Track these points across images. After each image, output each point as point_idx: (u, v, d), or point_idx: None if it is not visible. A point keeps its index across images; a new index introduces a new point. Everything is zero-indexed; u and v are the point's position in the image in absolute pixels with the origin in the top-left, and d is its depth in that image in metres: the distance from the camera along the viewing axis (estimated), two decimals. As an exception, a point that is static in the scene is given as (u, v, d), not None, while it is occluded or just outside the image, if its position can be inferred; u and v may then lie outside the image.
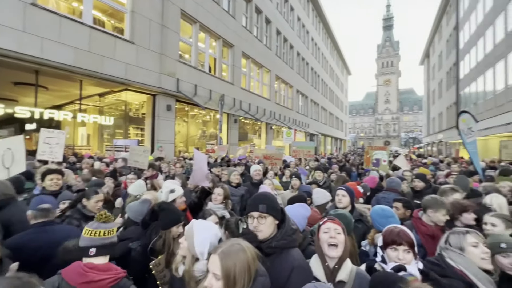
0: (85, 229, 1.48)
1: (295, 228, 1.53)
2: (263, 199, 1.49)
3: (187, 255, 1.57)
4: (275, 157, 6.45)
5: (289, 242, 1.45)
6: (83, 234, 1.46)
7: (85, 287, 1.29)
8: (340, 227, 1.52)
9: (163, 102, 10.25)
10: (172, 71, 10.42)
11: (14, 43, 6.23)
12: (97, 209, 2.62)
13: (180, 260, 1.67)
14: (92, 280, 1.30)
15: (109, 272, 1.39)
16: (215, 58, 13.74)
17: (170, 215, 2.16)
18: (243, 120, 16.42)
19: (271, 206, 1.46)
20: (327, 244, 1.45)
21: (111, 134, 12.94)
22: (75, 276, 1.31)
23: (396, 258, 1.43)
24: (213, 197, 2.70)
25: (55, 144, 4.51)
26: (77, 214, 2.55)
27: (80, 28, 7.62)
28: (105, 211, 1.60)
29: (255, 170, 3.94)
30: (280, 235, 1.44)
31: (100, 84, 8.85)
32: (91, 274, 1.32)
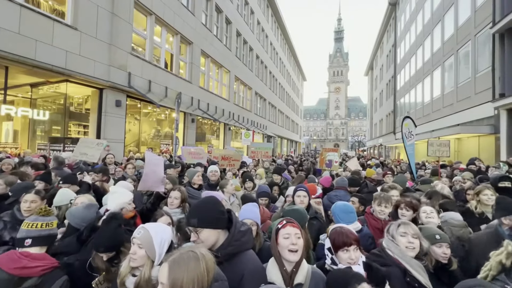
0: (24, 222, 1.56)
1: (245, 230, 1.46)
2: (195, 212, 1.41)
3: (145, 262, 1.43)
4: (233, 158, 6.39)
5: (237, 246, 1.39)
6: (22, 227, 1.54)
7: (18, 272, 1.37)
8: (300, 231, 1.47)
9: (112, 97, 9.34)
10: (123, 64, 9.58)
11: None
12: (26, 209, 2.29)
13: (127, 272, 1.49)
14: (24, 266, 1.39)
15: (43, 261, 1.49)
16: (172, 54, 13.09)
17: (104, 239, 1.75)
18: (201, 120, 15.97)
19: (203, 219, 1.37)
20: (288, 250, 1.40)
21: (45, 131, 11.28)
22: (9, 262, 1.38)
23: (349, 259, 1.48)
24: (169, 201, 2.51)
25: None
26: (10, 217, 2.28)
27: (8, 5, 6.48)
28: (45, 206, 1.69)
29: (212, 171, 3.82)
30: (226, 241, 1.38)
31: (32, 72, 7.64)
32: (24, 261, 1.41)
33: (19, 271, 1.37)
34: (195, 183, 3.33)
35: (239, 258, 1.37)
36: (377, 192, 2.73)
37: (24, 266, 1.39)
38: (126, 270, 1.47)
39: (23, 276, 1.38)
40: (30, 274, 1.40)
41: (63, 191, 2.65)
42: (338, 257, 1.53)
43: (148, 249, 1.41)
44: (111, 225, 1.79)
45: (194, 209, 1.44)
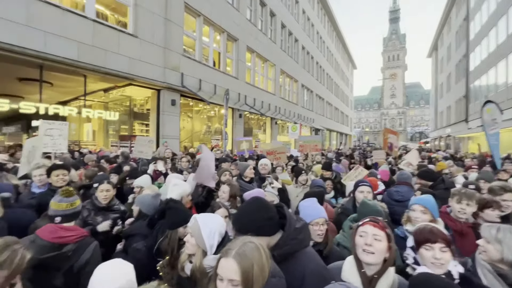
0: (52, 202, 1.81)
1: (301, 226, 1.35)
2: (238, 220, 1.36)
3: (196, 251, 1.47)
4: (278, 152, 6.25)
5: (294, 245, 1.29)
6: (51, 206, 1.80)
7: (57, 240, 1.63)
8: (383, 233, 1.25)
9: (168, 97, 10.13)
10: (176, 65, 10.28)
11: (17, 37, 6.14)
12: (103, 198, 2.58)
13: (186, 258, 1.56)
14: (61, 236, 1.66)
15: (75, 231, 1.74)
16: (219, 52, 13.54)
17: (177, 215, 2.05)
18: (247, 115, 16.26)
19: (247, 227, 1.30)
20: (361, 249, 1.25)
21: (116, 130, 12.91)
22: (48, 234, 1.64)
23: (432, 258, 1.27)
24: (219, 193, 2.57)
25: (57, 136, 4.42)
26: (89, 204, 2.59)
27: (83, 22, 7.50)
28: (68, 187, 1.93)
29: (262, 164, 3.80)
30: (282, 241, 1.28)
31: (104, 79, 8.77)
32: (60, 231, 1.68)
33: (58, 239, 1.63)
34: (246, 176, 3.36)
35: (297, 257, 1.27)
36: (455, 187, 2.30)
37: (61, 236, 1.65)
38: (185, 256, 1.54)
39: (62, 243, 1.64)
40: (67, 241, 1.67)
41: (147, 176, 3.23)
42: (420, 255, 1.33)
43: (197, 238, 1.44)
44: (178, 204, 2.01)
45: (239, 216, 1.40)
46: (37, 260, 1.46)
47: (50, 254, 1.56)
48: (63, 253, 1.62)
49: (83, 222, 2.46)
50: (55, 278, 1.57)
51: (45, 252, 1.55)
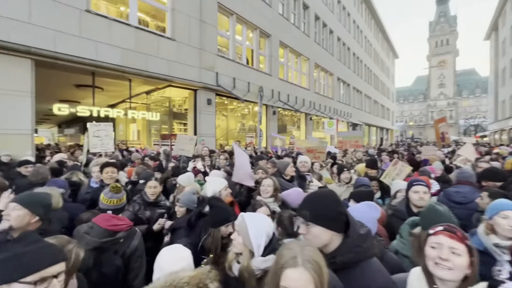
0: (103, 196, 2.09)
1: (366, 233, 1.20)
2: (309, 204, 1.22)
3: (243, 251, 1.43)
4: (318, 150, 5.99)
5: (358, 254, 1.13)
6: (102, 200, 2.10)
7: (111, 228, 1.86)
8: (462, 246, 1.04)
9: (204, 97, 10.45)
10: (211, 65, 10.53)
11: (73, 48, 6.82)
12: (151, 194, 2.70)
13: (233, 257, 1.54)
14: (115, 224, 1.88)
15: (125, 221, 1.98)
16: (252, 49, 13.55)
17: (220, 213, 2.05)
18: (281, 112, 16.06)
19: (317, 214, 1.17)
20: (434, 263, 1.06)
21: (157, 130, 13.76)
22: (104, 222, 1.87)
23: None
24: (262, 189, 2.48)
25: (104, 136, 4.80)
26: (139, 199, 2.75)
27: (127, 29, 8.06)
28: (116, 184, 2.18)
29: (301, 162, 3.65)
30: (344, 247, 1.14)
31: (146, 82, 9.35)
32: (114, 220, 1.90)
33: (112, 227, 1.86)
34: (287, 175, 3.23)
35: (361, 268, 1.12)
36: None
37: (115, 224, 1.89)
38: (232, 255, 1.52)
39: (115, 230, 1.88)
40: (120, 229, 1.90)
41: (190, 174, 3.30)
42: None
43: (244, 237, 1.41)
44: (220, 203, 2.02)
45: (309, 201, 1.28)
46: (99, 243, 1.79)
47: (108, 239, 1.82)
48: (117, 239, 1.87)
49: (134, 215, 2.60)
50: (115, 259, 1.84)
51: (102, 237, 1.81)
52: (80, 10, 7.00)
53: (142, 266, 1.99)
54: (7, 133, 5.80)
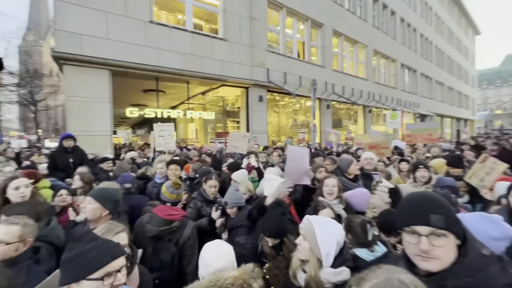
0: (165, 190, 2.24)
1: (489, 255, 0.88)
2: (436, 206, 0.90)
3: (310, 258, 1.27)
4: (382, 146, 5.30)
5: (481, 281, 0.83)
6: (163, 193, 2.25)
7: (168, 217, 2.05)
8: None
9: (255, 94, 10.50)
10: (262, 62, 10.50)
11: (140, 56, 7.59)
12: (212, 193, 2.76)
13: (298, 265, 1.38)
14: (171, 214, 2.08)
15: (179, 211, 2.18)
16: (303, 42, 13.05)
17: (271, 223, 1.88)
18: (336, 105, 15.13)
19: (450, 218, 0.88)
20: None
21: (213, 128, 14.49)
22: (161, 212, 2.07)
23: None
24: (326, 189, 2.23)
25: (167, 136, 5.17)
26: (200, 196, 2.83)
27: (185, 35, 8.60)
28: (177, 180, 2.34)
29: (366, 158, 3.23)
30: (461, 268, 0.84)
31: (202, 83, 9.87)
32: (170, 210, 2.11)
33: (169, 216, 2.05)
34: (351, 173, 2.87)
35: None
36: None
37: (171, 214, 2.07)
38: (296, 263, 1.38)
39: (171, 220, 2.04)
40: (174, 219, 2.06)
41: (244, 171, 3.40)
42: None
43: (311, 242, 1.26)
44: (277, 211, 1.92)
45: (428, 202, 0.94)
46: (157, 231, 1.99)
47: (165, 228, 2.00)
48: (172, 227, 2.03)
49: (197, 212, 2.69)
50: (170, 247, 2.00)
51: (160, 226, 2.00)
52: (145, 22, 7.74)
53: (195, 254, 2.09)
54: (92, 134, 6.80)
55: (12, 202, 2.25)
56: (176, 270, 2.02)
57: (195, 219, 2.70)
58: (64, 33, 6.53)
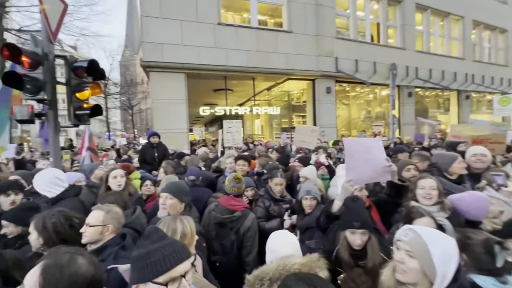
0: (227, 183, 2.34)
1: None
2: None
3: (419, 281, 1.01)
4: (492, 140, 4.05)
5: None
6: (226, 186, 2.35)
7: (231, 207, 2.20)
8: None
9: (323, 85, 9.89)
10: (330, 51, 9.79)
11: (210, 58, 8.07)
12: (278, 191, 2.63)
13: (391, 284, 1.11)
14: (233, 204, 2.22)
15: (241, 203, 2.30)
16: (377, 23, 11.56)
17: (344, 214, 1.63)
18: (420, 93, 12.95)
19: None
20: None
21: (278, 123, 14.45)
22: (225, 202, 2.24)
23: None
24: (421, 192, 1.77)
25: (235, 132, 5.30)
26: (267, 194, 2.73)
27: (250, 32, 8.73)
28: (237, 174, 2.43)
29: (476, 154, 2.46)
30: None
31: (267, 78, 9.88)
32: (232, 201, 2.25)
33: (231, 206, 2.20)
34: (453, 173, 2.26)
35: None
36: None
37: (233, 204, 2.22)
38: (389, 281, 1.11)
39: (233, 210, 2.18)
40: (236, 209, 2.20)
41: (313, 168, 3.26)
42: None
43: (423, 261, 0.99)
44: (360, 203, 1.67)
45: None
46: (221, 219, 2.16)
47: (227, 216, 2.16)
48: (234, 217, 2.17)
49: (266, 211, 2.60)
50: (230, 234, 2.16)
51: (223, 214, 2.17)
52: (214, 25, 8.18)
53: (254, 246, 2.21)
54: (172, 132, 7.62)
55: (112, 189, 2.64)
56: (236, 258, 2.17)
57: (265, 218, 2.62)
58: (149, 44, 7.48)
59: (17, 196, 2.14)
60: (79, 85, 3.17)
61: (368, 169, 1.88)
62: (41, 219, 1.43)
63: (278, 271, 1.15)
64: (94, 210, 1.55)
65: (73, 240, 1.45)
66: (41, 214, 1.46)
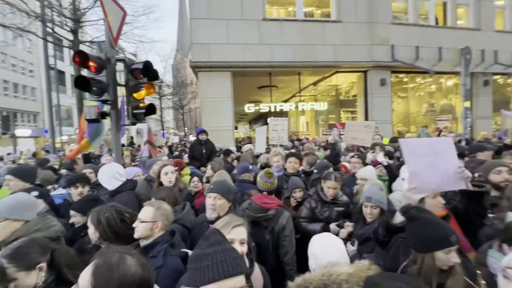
0: (259, 179, 2.31)
1: None
2: None
3: None
4: None
5: None
6: (258, 182, 2.32)
7: (264, 205, 2.11)
8: None
9: (376, 77, 9.03)
10: (384, 38, 8.87)
11: (254, 55, 8.03)
12: (330, 195, 2.39)
13: None
14: (266, 202, 2.14)
15: (275, 201, 2.22)
16: (444, 2, 10.06)
17: (428, 230, 1.32)
18: (499, 81, 10.91)
19: None
20: None
21: (324, 120, 13.79)
22: (258, 199, 2.15)
23: None
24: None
25: (280, 130, 5.11)
26: (316, 195, 2.49)
27: (295, 25, 8.43)
28: (268, 169, 2.38)
29: None
30: None
31: (313, 72, 9.46)
32: (265, 199, 2.17)
33: (264, 204, 2.12)
34: None
35: None
36: None
37: (266, 202, 2.15)
38: None
39: (267, 208, 2.11)
40: (270, 207, 2.13)
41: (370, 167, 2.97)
42: None
43: None
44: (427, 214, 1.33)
45: None
46: (254, 217, 2.06)
47: (260, 214, 2.10)
48: (267, 215, 2.11)
49: (311, 213, 2.41)
50: (265, 233, 2.08)
51: (256, 212, 2.10)
52: (258, 21, 8.11)
53: (291, 245, 2.15)
54: (218, 130, 7.82)
55: (164, 185, 2.75)
56: (273, 258, 2.10)
57: (309, 219, 2.43)
58: (198, 45, 7.78)
59: (84, 188, 2.37)
60: (136, 86, 3.39)
61: (435, 175, 1.53)
62: (96, 214, 1.50)
63: (322, 281, 1.05)
64: (146, 206, 1.58)
65: (124, 235, 1.49)
66: (96, 209, 1.53)
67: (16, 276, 1.17)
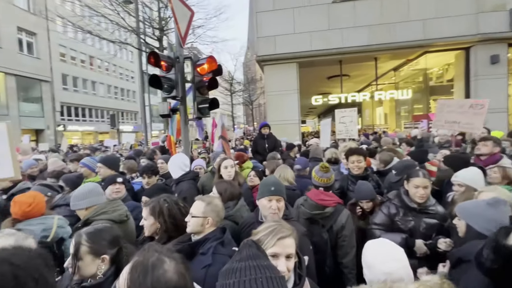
0: (314, 174, 2.11)
1: None
2: None
3: None
4: None
5: None
6: (313, 177, 2.13)
7: (320, 202, 1.97)
8: None
9: (484, 54, 7.11)
10: (499, 3, 6.85)
11: (323, 42, 7.43)
12: (419, 197, 1.88)
13: None
14: (323, 199, 1.99)
15: (333, 197, 2.05)
16: None
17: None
18: None
19: None
20: None
21: (408, 110, 11.86)
22: (314, 196, 2.01)
23: None
24: None
25: (349, 122, 4.56)
26: (397, 199, 2.02)
27: (371, 3, 7.37)
28: (324, 163, 2.16)
29: None
30: None
31: (393, 56, 8.16)
32: (322, 195, 2.01)
33: (321, 201, 1.96)
34: None
35: None
36: None
37: (323, 199, 1.97)
38: None
39: (324, 205, 1.94)
40: (327, 204, 1.95)
41: None
42: None
43: None
44: None
45: None
46: (310, 214, 1.96)
47: (317, 212, 1.94)
48: (325, 213, 1.95)
49: (389, 220, 1.97)
50: (322, 232, 1.94)
51: (313, 209, 1.96)
52: (328, 5, 7.45)
53: (351, 246, 1.95)
54: (283, 123, 7.64)
55: (224, 178, 2.76)
56: (331, 258, 1.96)
57: (386, 227, 1.98)
58: (263, 38, 7.72)
59: (150, 178, 2.59)
60: (201, 82, 3.52)
61: None
62: (158, 205, 1.53)
63: None
64: (197, 201, 1.53)
65: (182, 227, 1.48)
66: (154, 200, 1.56)
67: (84, 257, 1.24)
